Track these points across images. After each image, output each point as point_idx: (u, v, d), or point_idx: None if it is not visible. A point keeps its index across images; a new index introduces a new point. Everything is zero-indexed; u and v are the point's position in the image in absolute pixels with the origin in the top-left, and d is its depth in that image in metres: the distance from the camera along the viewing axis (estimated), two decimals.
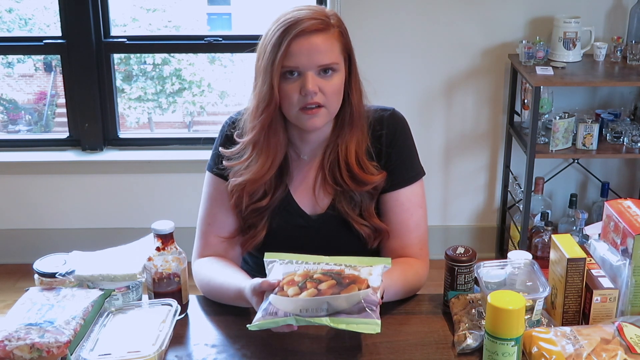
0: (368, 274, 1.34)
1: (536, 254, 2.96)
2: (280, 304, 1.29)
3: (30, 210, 3.41)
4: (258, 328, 1.29)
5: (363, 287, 1.30)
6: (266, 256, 1.42)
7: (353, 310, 1.27)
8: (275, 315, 1.28)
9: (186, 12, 5.51)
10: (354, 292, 1.29)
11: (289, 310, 1.28)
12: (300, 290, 1.30)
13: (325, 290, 1.29)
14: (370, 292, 1.29)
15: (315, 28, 1.46)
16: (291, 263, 1.38)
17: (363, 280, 1.32)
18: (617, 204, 1.42)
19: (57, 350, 1.26)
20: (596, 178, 3.32)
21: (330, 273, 1.33)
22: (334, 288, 1.29)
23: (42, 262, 1.49)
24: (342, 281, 1.31)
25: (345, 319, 1.26)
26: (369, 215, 1.59)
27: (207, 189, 1.66)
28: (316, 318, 1.26)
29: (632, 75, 2.91)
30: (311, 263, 1.38)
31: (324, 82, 1.48)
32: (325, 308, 1.27)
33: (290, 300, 1.29)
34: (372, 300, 1.28)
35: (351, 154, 1.57)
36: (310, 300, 1.28)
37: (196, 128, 5.40)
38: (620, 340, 1.27)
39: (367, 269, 1.36)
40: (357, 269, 1.35)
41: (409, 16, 3.13)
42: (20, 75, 5.22)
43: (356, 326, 1.25)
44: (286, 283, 1.32)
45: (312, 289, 1.29)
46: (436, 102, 3.27)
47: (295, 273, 1.34)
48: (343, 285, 1.30)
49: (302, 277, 1.33)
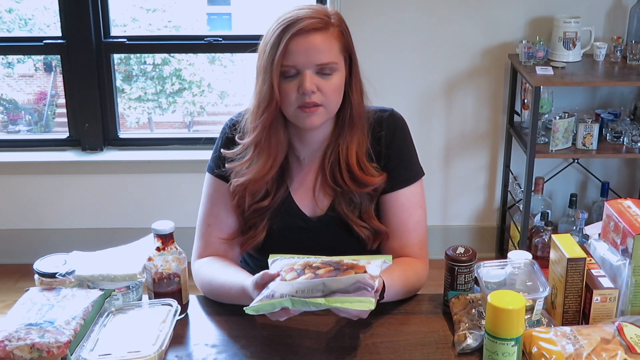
0: (367, 263, 1.34)
1: (536, 254, 2.96)
2: (277, 287, 1.30)
3: (30, 210, 3.41)
4: (255, 312, 1.29)
5: (361, 272, 1.30)
6: (270, 257, 1.42)
7: (349, 290, 1.27)
8: (272, 297, 1.28)
9: (186, 12, 5.51)
10: (351, 275, 1.28)
11: (285, 292, 1.28)
12: (297, 275, 1.31)
13: (323, 274, 1.29)
14: (367, 276, 1.29)
15: (314, 27, 1.46)
16: (293, 258, 1.39)
17: (361, 267, 1.32)
18: (617, 204, 1.42)
19: (57, 350, 1.26)
20: (596, 178, 3.32)
21: (329, 262, 1.34)
22: (331, 272, 1.29)
23: (42, 262, 1.49)
24: (340, 267, 1.31)
25: (340, 298, 1.26)
26: (368, 217, 1.59)
27: (207, 190, 1.66)
28: (311, 299, 1.26)
29: (632, 75, 2.91)
30: (312, 258, 1.38)
31: (323, 82, 1.48)
32: (321, 289, 1.27)
33: (287, 283, 1.29)
34: (369, 283, 1.28)
35: (352, 155, 1.57)
36: (306, 282, 1.28)
37: (196, 128, 5.40)
38: (620, 340, 1.27)
39: (367, 260, 1.36)
40: (356, 260, 1.36)
41: (409, 16, 3.13)
42: (20, 76, 5.22)
43: (350, 304, 1.25)
44: (285, 271, 1.33)
45: (309, 274, 1.30)
46: (436, 102, 3.27)
47: (295, 263, 1.35)
48: (341, 270, 1.30)
49: (301, 266, 1.33)
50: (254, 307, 1.29)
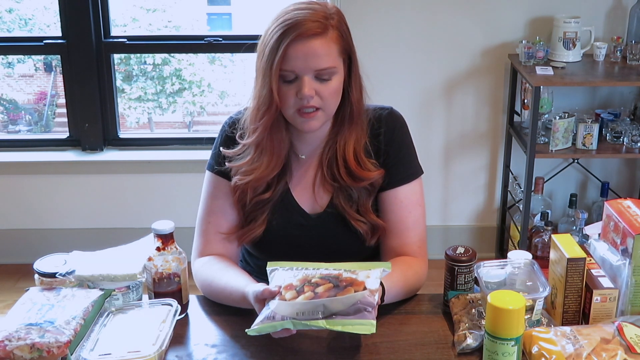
0: (366, 277, 1.34)
1: (536, 254, 2.96)
2: (278, 308, 1.30)
3: (30, 210, 3.41)
4: (257, 333, 1.30)
5: (360, 290, 1.30)
6: (269, 265, 1.43)
7: (349, 312, 1.27)
8: (273, 319, 1.29)
9: (186, 12, 5.51)
10: (350, 294, 1.29)
11: (286, 313, 1.29)
12: (297, 294, 1.31)
13: (322, 293, 1.30)
14: (366, 293, 1.30)
15: (313, 32, 1.45)
16: (291, 269, 1.39)
17: (360, 282, 1.32)
18: (617, 204, 1.42)
19: (57, 350, 1.26)
20: (596, 178, 3.32)
21: (328, 277, 1.34)
22: (330, 291, 1.30)
23: (42, 262, 1.49)
24: (339, 284, 1.31)
25: (341, 321, 1.26)
26: (365, 211, 1.60)
27: (207, 188, 1.66)
28: (312, 321, 1.27)
29: (632, 75, 2.91)
30: (311, 269, 1.38)
31: (321, 86, 1.49)
32: (322, 310, 1.28)
33: (287, 304, 1.30)
34: (369, 301, 1.29)
35: (349, 150, 1.57)
36: (306, 304, 1.28)
37: (196, 128, 5.40)
38: (620, 340, 1.27)
39: (365, 272, 1.36)
40: (355, 273, 1.36)
41: (409, 16, 3.13)
42: (20, 75, 5.22)
43: (352, 327, 1.25)
44: (285, 287, 1.33)
45: (309, 292, 1.30)
46: (436, 102, 3.27)
47: (295, 278, 1.35)
48: (340, 288, 1.30)
49: (300, 282, 1.34)
50: (255, 329, 1.30)
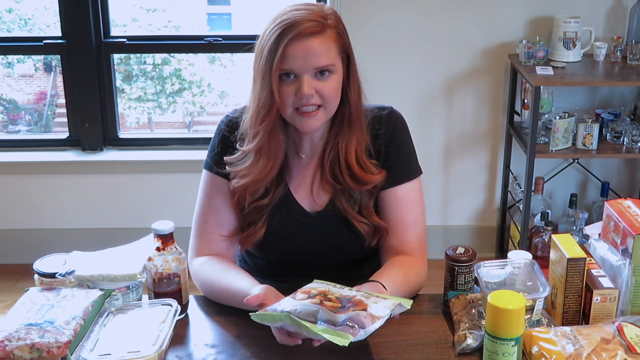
0: (374, 302, 1.31)
1: (536, 254, 2.96)
2: (283, 302, 1.32)
3: (30, 210, 3.41)
4: (259, 320, 1.31)
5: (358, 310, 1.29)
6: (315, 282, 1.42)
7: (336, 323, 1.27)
8: (274, 311, 1.30)
9: (186, 12, 5.50)
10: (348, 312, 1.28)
11: (286, 308, 1.29)
12: (307, 298, 1.32)
13: (327, 305, 1.30)
14: (362, 314, 1.27)
15: (312, 31, 1.46)
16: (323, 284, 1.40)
17: (364, 305, 1.31)
18: (617, 204, 1.42)
19: (57, 350, 1.26)
20: (596, 178, 3.32)
21: (342, 299, 1.33)
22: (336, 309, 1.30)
23: (42, 262, 1.49)
24: (346, 304, 1.31)
25: (323, 327, 1.26)
26: (368, 213, 1.60)
27: (204, 187, 1.66)
28: (304, 321, 1.27)
29: (632, 75, 2.91)
30: (338, 287, 1.38)
31: (321, 84, 1.49)
32: (315, 315, 1.28)
33: (292, 301, 1.32)
34: (359, 320, 1.26)
35: (351, 153, 1.57)
36: (306, 305, 1.29)
37: (196, 128, 5.39)
38: (621, 340, 1.27)
39: (381, 300, 1.33)
40: (368, 298, 1.33)
41: (409, 16, 3.13)
42: (20, 76, 5.21)
43: (329, 336, 1.24)
44: (302, 291, 1.35)
45: (317, 299, 1.32)
46: (436, 102, 3.27)
47: (316, 288, 1.37)
48: (345, 309, 1.30)
49: (318, 292, 1.35)
50: (258, 314, 1.32)
